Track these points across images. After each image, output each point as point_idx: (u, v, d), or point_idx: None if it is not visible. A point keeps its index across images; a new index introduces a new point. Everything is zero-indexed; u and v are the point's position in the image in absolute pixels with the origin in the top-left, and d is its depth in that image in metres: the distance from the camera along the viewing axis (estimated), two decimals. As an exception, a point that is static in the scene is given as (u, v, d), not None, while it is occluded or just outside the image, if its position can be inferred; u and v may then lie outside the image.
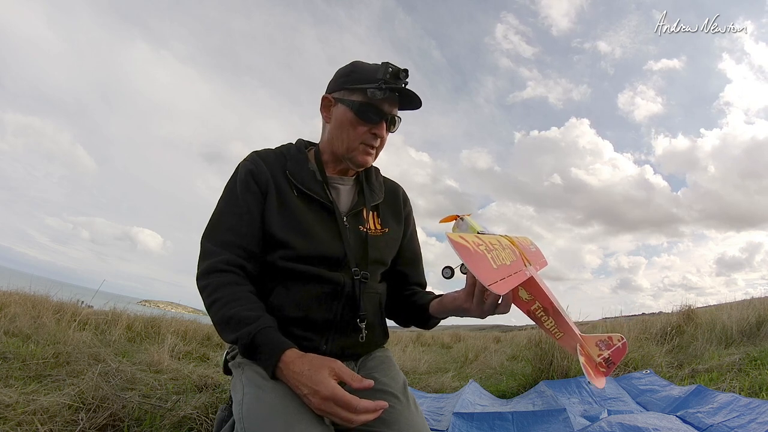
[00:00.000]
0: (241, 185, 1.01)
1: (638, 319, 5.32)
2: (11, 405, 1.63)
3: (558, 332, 0.85)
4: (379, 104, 1.01)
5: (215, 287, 0.91)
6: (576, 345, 0.83)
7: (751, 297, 5.53)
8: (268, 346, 0.82)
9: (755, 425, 1.61)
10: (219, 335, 0.94)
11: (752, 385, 2.37)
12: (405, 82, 1.01)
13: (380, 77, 0.98)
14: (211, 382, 2.49)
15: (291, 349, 0.82)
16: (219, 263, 0.94)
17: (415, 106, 1.06)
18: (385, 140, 1.08)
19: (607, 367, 0.83)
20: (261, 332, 0.83)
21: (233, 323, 0.86)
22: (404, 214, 1.21)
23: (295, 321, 0.95)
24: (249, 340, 0.83)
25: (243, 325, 0.85)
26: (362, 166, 1.07)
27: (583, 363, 0.80)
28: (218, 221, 1.00)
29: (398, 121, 1.07)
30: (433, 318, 1.07)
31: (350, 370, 0.82)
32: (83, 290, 5.84)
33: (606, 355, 0.83)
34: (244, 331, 0.84)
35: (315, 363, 0.79)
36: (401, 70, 0.99)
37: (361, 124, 1.02)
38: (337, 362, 0.81)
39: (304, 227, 0.99)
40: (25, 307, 3.85)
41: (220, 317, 0.88)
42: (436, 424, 2.13)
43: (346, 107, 1.02)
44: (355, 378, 0.79)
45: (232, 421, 0.84)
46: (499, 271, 0.66)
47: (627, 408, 2.29)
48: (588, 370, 0.79)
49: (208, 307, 0.92)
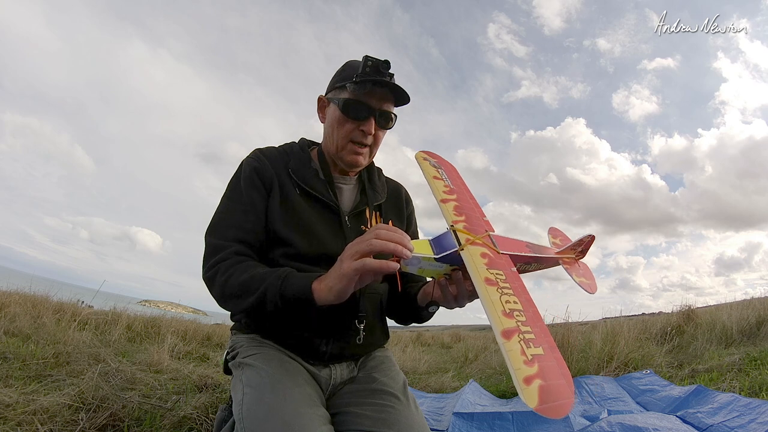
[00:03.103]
0: (245, 182, 1.01)
1: (638, 319, 5.32)
2: (11, 405, 1.63)
3: (543, 267, 0.95)
4: (365, 99, 0.98)
5: (225, 268, 0.89)
6: (559, 263, 0.99)
7: (750, 297, 5.54)
8: (300, 276, 0.82)
9: (755, 425, 1.61)
10: (232, 307, 0.91)
11: (752, 385, 2.37)
12: (388, 75, 0.97)
13: (360, 71, 0.96)
14: (211, 382, 2.49)
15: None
16: (226, 255, 0.92)
17: (402, 98, 1.02)
18: (379, 138, 1.05)
19: (581, 254, 1.04)
20: (291, 272, 0.83)
21: (256, 279, 0.83)
22: (406, 214, 1.21)
23: (295, 321, 0.95)
24: (280, 282, 0.81)
25: (268, 275, 0.83)
26: (352, 165, 1.05)
27: (568, 273, 0.99)
28: (222, 217, 0.99)
29: (393, 117, 1.03)
30: (422, 308, 1.03)
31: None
32: (83, 290, 5.84)
33: (579, 249, 1.03)
34: (273, 277, 0.82)
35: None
36: (381, 62, 0.95)
37: (348, 121, 1.00)
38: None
39: (306, 225, 0.98)
40: (25, 307, 3.85)
41: (240, 284, 0.85)
42: (436, 424, 2.13)
43: (335, 106, 1.02)
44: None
45: (232, 421, 0.83)
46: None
47: (627, 408, 2.29)
48: (573, 276, 0.99)
49: (221, 287, 0.88)
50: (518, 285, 0.70)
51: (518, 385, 0.52)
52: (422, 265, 0.77)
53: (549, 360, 0.57)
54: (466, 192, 0.96)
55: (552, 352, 0.59)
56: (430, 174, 0.97)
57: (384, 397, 0.92)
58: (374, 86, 0.97)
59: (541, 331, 0.61)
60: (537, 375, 0.53)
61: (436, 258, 0.76)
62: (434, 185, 0.93)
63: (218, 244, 0.94)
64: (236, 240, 0.95)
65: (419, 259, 0.76)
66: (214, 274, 0.90)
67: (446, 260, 0.77)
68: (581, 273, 1.01)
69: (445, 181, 0.96)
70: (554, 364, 0.57)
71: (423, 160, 1.02)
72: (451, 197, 0.90)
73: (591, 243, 1.04)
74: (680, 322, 4.65)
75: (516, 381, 0.53)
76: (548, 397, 0.51)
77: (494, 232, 0.84)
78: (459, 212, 0.85)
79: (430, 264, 0.77)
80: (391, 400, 0.91)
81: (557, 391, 0.53)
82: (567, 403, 0.52)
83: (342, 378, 1.00)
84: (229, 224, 0.97)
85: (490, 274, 0.69)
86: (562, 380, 0.55)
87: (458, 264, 0.78)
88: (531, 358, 0.56)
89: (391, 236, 0.73)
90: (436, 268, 0.79)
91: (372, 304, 1.05)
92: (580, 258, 1.04)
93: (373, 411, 0.88)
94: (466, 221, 0.83)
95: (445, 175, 0.98)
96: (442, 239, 0.79)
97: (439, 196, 0.90)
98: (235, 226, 0.96)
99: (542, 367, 0.55)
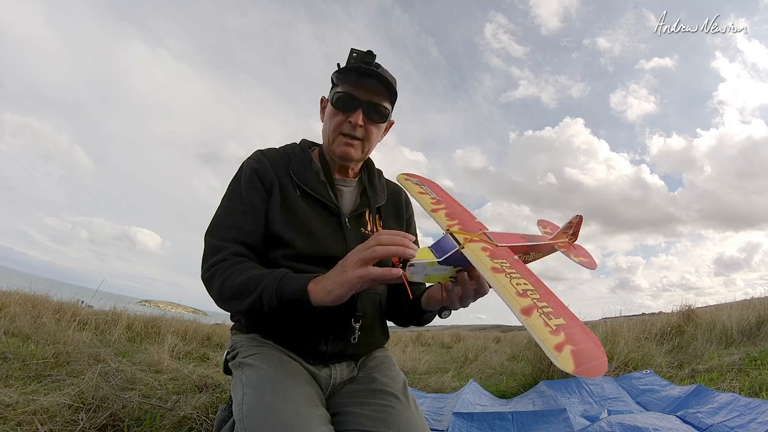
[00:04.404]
0: (245, 183, 1.01)
1: (638, 319, 5.32)
2: (11, 405, 1.63)
3: (541, 256, 0.99)
4: (353, 92, 0.99)
5: (224, 269, 0.90)
6: (555, 249, 1.03)
7: (750, 297, 5.54)
8: (296, 277, 0.83)
9: (755, 425, 1.61)
10: (231, 308, 0.92)
11: (752, 385, 2.37)
12: (374, 65, 0.99)
13: (346, 63, 0.99)
14: (211, 382, 2.49)
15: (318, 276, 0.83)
16: (225, 255, 0.93)
17: (389, 87, 1.01)
18: (371, 133, 1.04)
19: (573, 237, 1.09)
20: (287, 274, 0.84)
21: (253, 281, 0.84)
22: (406, 217, 1.21)
23: (295, 321, 0.95)
24: (276, 284, 0.82)
25: (265, 276, 0.84)
26: (344, 158, 1.05)
27: (566, 255, 1.04)
28: (222, 218, 0.99)
29: (384, 111, 1.03)
30: (426, 312, 1.05)
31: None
32: (83, 290, 5.84)
33: (570, 232, 1.08)
34: (269, 279, 0.83)
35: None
36: (365, 53, 0.98)
37: (338, 114, 1.02)
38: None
39: (306, 227, 0.98)
40: (25, 307, 3.85)
41: (237, 285, 0.86)
42: (436, 424, 2.13)
43: (329, 101, 1.04)
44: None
45: (232, 421, 0.83)
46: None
47: (627, 408, 2.29)
48: (572, 257, 1.04)
49: (219, 288, 0.89)
50: (524, 269, 0.73)
51: (550, 353, 0.53)
52: (427, 271, 0.78)
53: (573, 327, 0.59)
54: (453, 201, 0.99)
55: (573, 320, 0.61)
56: (415, 191, 1.02)
57: (384, 397, 0.92)
58: (360, 77, 0.98)
59: (558, 305, 0.64)
60: (566, 341, 0.55)
61: (439, 261, 0.78)
62: (421, 199, 0.98)
63: (217, 245, 0.94)
64: (235, 241, 0.95)
65: (423, 266, 0.77)
66: (213, 274, 0.91)
67: (449, 262, 0.78)
68: (578, 254, 1.07)
69: (430, 194, 1.00)
70: (579, 331, 0.59)
71: (405, 180, 1.07)
72: (440, 206, 0.94)
73: (580, 223, 1.09)
74: (680, 322, 4.65)
75: (547, 351, 0.54)
76: (583, 359, 0.53)
77: (488, 230, 0.86)
78: (451, 217, 0.89)
79: (435, 268, 0.79)
80: (391, 400, 0.91)
81: (589, 353, 0.54)
82: (602, 363, 0.54)
83: (342, 378, 1.00)
84: (229, 225, 0.97)
85: (495, 264, 0.72)
86: (590, 344, 0.57)
87: (462, 264, 0.80)
88: (555, 327, 0.57)
89: (392, 240, 0.75)
90: (441, 272, 0.80)
91: (371, 304, 1.05)
92: (573, 241, 1.10)
93: (373, 411, 0.88)
94: (460, 223, 0.86)
95: (429, 189, 1.03)
96: (442, 243, 0.81)
97: (428, 208, 0.95)
98: (234, 227, 0.97)
99: (568, 334, 0.57)
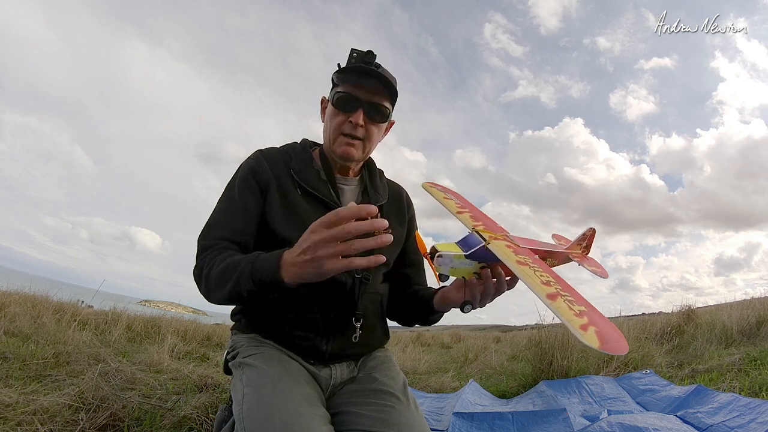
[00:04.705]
0: (240, 183, 1.01)
1: (638, 319, 5.32)
2: (11, 405, 1.63)
3: (557, 264, 1.05)
4: (354, 92, 0.99)
5: (208, 262, 0.90)
6: (570, 259, 1.09)
7: (750, 297, 5.54)
8: (268, 256, 0.80)
9: (755, 425, 1.61)
10: (216, 298, 0.88)
11: (752, 385, 2.37)
12: (374, 65, 0.99)
13: (346, 63, 0.99)
14: (211, 382, 2.49)
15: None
16: (210, 251, 0.93)
17: (389, 87, 1.01)
18: (372, 133, 1.04)
19: (586, 250, 1.15)
20: (260, 255, 0.81)
21: (231, 267, 0.83)
22: (407, 217, 1.21)
23: (295, 321, 0.95)
24: (250, 267, 0.79)
25: (241, 261, 0.82)
26: (344, 158, 1.04)
27: (581, 264, 1.10)
28: (215, 219, 1.00)
29: (385, 111, 1.03)
30: (436, 312, 1.06)
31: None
32: (83, 290, 5.83)
33: (584, 245, 1.14)
34: (244, 262, 0.81)
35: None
36: (365, 53, 0.98)
37: (339, 114, 1.02)
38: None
39: (306, 225, 0.98)
40: (25, 307, 3.84)
41: (217, 274, 0.85)
42: (436, 424, 2.13)
43: (329, 101, 1.04)
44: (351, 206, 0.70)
45: (232, 421, 0.83)
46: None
47: (627, 408, 2.29)
48: (586, 266, 1.11)
49: (206, 281, 0.89)
50: (545, 266, 0.79)
51: (576, 332, 0.58)
52: (454, 263, 0.83)
53: (594, 314, 0.64)
54: (476, 208, 1.06)
55: (593, 309, 0.65)
56: (440, 196, 1.09)
57: (384, 397, 0.92)
58: (361, 77, 0.98)
59: (578, 296, 0.68)
60: (589, 323, 0.60)
61: (465, 255, 0.83)
62: (447, 204, 1.05)
63: (205, 245, 0.95)
64: (224, 239, 0.96)
65: (451, 258, 0.82)
66: (200, 271, 0.91)
67: (475, 257, 0.84)
68: (591, 264, 1.14)
69: (455, 200, 1.08)
70: (599, 317, 0.64)
71: (430, 187, 1.14)
72: (464, 210, 1.02)
73: (593, 236, 1.15)
74: (680, 322, 4.65)
75: (573, 330, 0.58)
76: (607, 338, 0.57)
77: (510, 234, 0.93)
78: (476, 219, 0.96)
79: (461, 262, 0.84)
80: (392, 400, 0.91)
81: (612, 334, 0.59)
82: (624, 344, 0.58)
83: (342, 378, 1.00)
84: (219, 225, 0.98)
85: (519, 258, 0.78)
86: (611, 327, 0.61)
87: (486, 260, 0.86)
88: (579, 312, 0.62)
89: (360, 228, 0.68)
90: (467, 266, 0.85)
91: (372, 303, 1.05)
92: (586, 254, 1.17)
93: (373, 411, 0.88)
94: (485, 225, 0.93)
95: (453, 197, 1.10)
96: (468, 239, 0.86)
97: (453, 210, 1.02)
98: (224, 226, 0.97)
99: (591, 318, 0.62)
